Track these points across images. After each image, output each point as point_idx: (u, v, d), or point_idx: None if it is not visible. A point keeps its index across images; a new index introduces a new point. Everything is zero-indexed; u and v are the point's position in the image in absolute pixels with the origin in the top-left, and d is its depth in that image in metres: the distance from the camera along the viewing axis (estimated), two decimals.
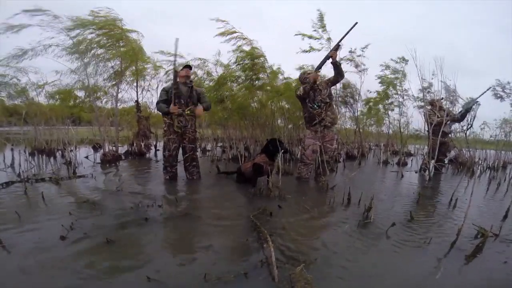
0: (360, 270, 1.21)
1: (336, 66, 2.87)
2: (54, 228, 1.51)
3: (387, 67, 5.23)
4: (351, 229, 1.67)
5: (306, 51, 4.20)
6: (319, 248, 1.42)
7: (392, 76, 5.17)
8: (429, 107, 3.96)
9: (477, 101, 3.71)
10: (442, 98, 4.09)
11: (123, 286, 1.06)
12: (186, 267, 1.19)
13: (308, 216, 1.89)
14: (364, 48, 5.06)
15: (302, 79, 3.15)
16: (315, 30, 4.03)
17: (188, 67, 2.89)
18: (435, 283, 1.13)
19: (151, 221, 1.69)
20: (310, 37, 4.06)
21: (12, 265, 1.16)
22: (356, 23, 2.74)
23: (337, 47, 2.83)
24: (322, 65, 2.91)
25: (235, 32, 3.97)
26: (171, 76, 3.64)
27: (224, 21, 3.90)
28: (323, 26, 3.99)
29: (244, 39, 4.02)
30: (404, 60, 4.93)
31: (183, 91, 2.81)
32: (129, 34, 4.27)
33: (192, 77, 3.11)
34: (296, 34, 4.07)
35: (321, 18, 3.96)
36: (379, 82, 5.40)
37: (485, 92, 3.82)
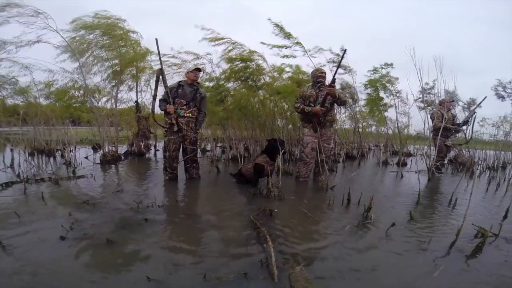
0: (360, 270, 1.21)
1: (335, 101, 2.94)
2: (54, 229, 1.51)
3: (375, 71, 5.36)
4: (351, 229, 1.67)
5: (283, 56, 4.28)
6: (318, 248, 1.42)
7: (380, 77, 5.31)
8: (438, 107, 3.98)
9: (475, 112, 4.03)
10: (453, 100, 4.15)
11: (123, 286, 1.06)
12: (186, 267, 1.19)
13: (308, 216, 1.89)
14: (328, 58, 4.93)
15: (315, 77, 2.99)
16: (284, 39, 4.10)
17: (198, 69, 2.90)
18: (434, 282, 1.13)
19: (151, 221, 1.69)
20: (282, 46, 4.16)
21: (11, 266, 1.15)
22: (345, 50, 2.89)
23: (333, 81, 2.82)
24: (325, 101, 2.89)
25: (223, 38, 4.08)
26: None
27: (209, 29, 4.05)
28: (288, 35, 4.07)
29: (233, 43, 4.12)
30: (388, 65, 5.17)
31: (187, 92, 2.81)
32: (130, 35, 4.29)
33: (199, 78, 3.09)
34: (262, 42, 4.19)
35: (281, 29, 4.02)
36: (366, 85, 5.48)
37: (481, 102, 4.21)
